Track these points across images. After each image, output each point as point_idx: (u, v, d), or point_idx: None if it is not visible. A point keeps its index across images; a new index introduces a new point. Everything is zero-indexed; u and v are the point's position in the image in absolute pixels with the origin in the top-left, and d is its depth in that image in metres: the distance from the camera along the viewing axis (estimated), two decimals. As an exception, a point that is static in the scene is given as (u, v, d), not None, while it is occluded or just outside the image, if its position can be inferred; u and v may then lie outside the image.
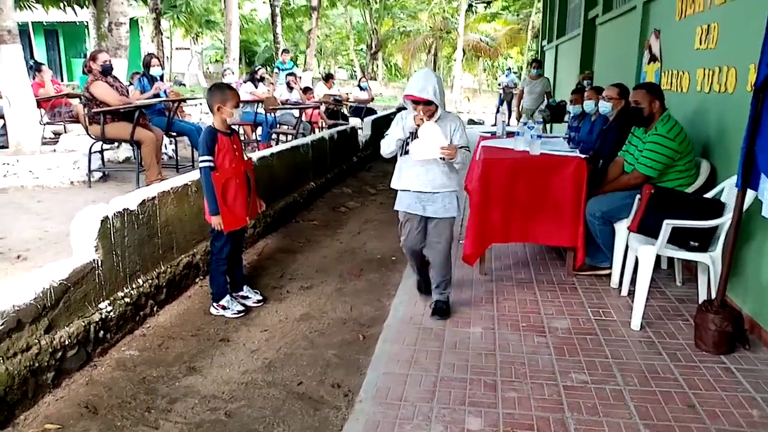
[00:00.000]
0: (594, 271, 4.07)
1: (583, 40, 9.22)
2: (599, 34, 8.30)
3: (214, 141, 3.42)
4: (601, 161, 4.47)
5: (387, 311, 3.58)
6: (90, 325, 2.92)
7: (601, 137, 4.70)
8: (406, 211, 3.38)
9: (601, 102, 4.66)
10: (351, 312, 3.66)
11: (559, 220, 3.89)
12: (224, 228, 3.43)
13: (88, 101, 6.10)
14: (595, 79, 7.77)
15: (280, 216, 5.56)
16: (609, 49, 7.54)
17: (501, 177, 3.90)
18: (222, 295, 3.57)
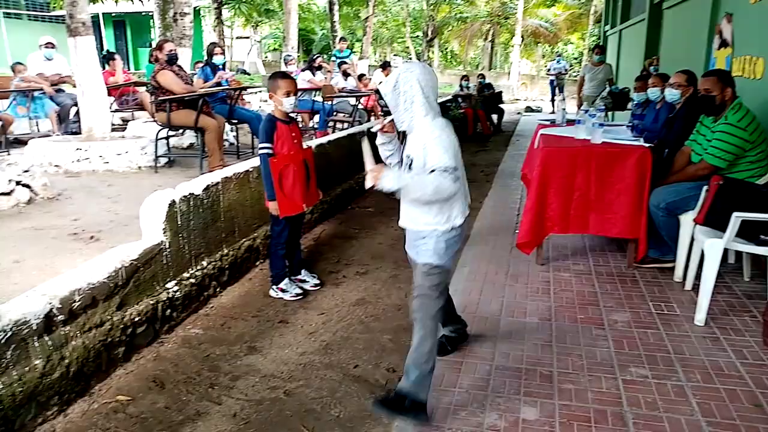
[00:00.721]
0: (656, 263, 3.95)
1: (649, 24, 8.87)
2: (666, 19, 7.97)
3: (273, 129, 3.49)
4: (666, 150, 4.32)
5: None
6: (158, 304, 3.06)
7: (666, 126, 4.54)
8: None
9: (667, 89, 4.49)
10: (406, 299, 3.69)
11: (621, 211, 3.79)
12: (280, 213, 3.51)
13: (155, 89, 6.33)
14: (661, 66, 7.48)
15: (336, 202, 5.63)
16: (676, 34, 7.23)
17: (561, 166, 3.83)
18: (281, 278, 3.66)
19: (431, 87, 2.32)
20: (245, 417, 2.45)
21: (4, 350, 2.20)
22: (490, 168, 8.10)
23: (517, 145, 9.95)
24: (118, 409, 2.49)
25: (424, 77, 2.30)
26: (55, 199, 5.28)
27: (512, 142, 10.45)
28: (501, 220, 5.33)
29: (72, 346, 2.50)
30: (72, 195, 5.46)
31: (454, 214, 2.37)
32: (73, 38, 6.50)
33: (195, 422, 2.41)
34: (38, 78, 8.64)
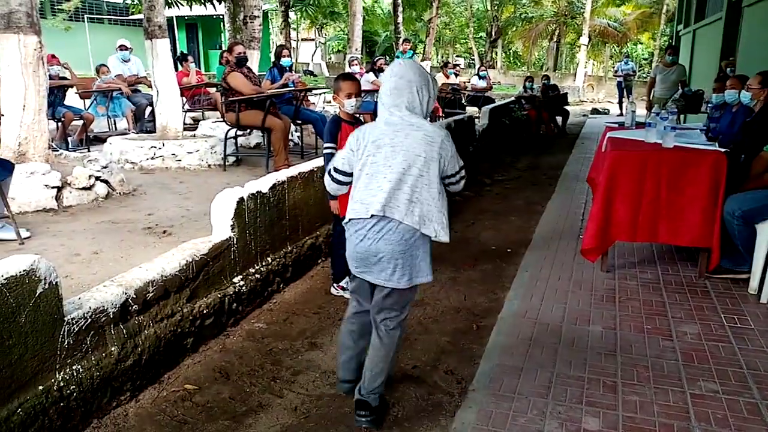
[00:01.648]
0: (730, 274, 3.77)
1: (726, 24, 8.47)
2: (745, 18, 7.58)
3: (338, 129, 3.52)
4: (742, 156, 4.11)
5: (501, 303, 3.55)
6: (225, 298, 3.16)
7: (743, 130, 4.32)
8: None
9: (742, 92, 4.28)
10: (465, 301, 3.67)
11: (693, 218, 3.63)
12: (340, 213, 3.54)
13: (225, 91, 6.54)
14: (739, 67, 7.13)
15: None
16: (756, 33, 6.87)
17: (630, 171, 3.71)
18: (342, 276, 3.70)
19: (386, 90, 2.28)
20: (305, 411, 2.50)
21: (84, 336, 2.33)
22: (553, 171, 7.93)
23: (582, 148, 9.71)
24: (185, 397, 2.59)
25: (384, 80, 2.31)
26: (130, 195, 5.55)
27: (577, 145, 10.20)
28: (565, 225, 5.21)
29: (145, 335, 2.62)
30: (146, 191, 5.72)
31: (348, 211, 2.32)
32: (150, 41, 6.81)
33: (257, 414, 2.48)
34: (116, 79, 9.09)
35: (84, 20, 21.55)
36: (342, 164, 2.35)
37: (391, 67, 2.32)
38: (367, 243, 2.25)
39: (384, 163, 2.21)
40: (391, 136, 2.23)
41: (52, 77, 7.72)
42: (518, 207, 6.07)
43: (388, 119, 2.27)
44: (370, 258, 2.26)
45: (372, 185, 2.23)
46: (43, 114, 5.28)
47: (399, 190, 2.20)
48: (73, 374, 2.28)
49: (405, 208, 2.20)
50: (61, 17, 18.52)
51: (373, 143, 2.24)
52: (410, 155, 2.20)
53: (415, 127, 2.24)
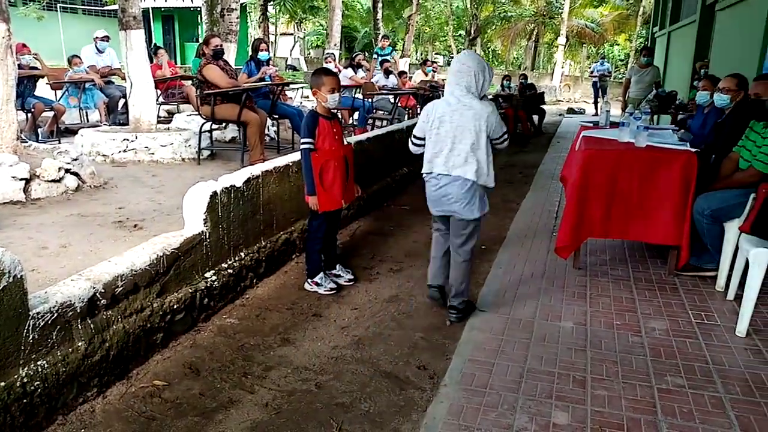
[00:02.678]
0: (698, 272, 3.85)
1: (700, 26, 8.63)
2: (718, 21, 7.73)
3: (315, 124, 3.52)
4: (713, 156, 4.20)
5: (475, 299, 3.57)
6: (196, 293, 3.12)
7: (714, 131, 4.41)
8: None
9: (716, 94, 4.36)
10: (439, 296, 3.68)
11: (663, 217, 3.69)
12: (319, 208, 3.54)
13: (200, 83, 6.47)
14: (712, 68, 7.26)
15: (372, 199, 5.66)
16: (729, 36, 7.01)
17: (603, 169, 3.76)
18: (316, 272, 3.69)
19: (452, 72, 3.12)
20: (276, 407, 2.49)
21: (50, 331, 2.29)
22: (528, 169, 8.00)
23: (558, 147, 9.81)
24: (154, 393, 2.56)
25: (451, 66, 3.18)
26: (101, 188, 5.46)
27: (553, 144, 10.31)
28: (539, 222, 5.27)
29: (113, 330, 2.58)
30: (118, 184, 5.63)
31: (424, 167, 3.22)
32: (124, 32, 6.69)
33: (228, 410, 2.46)
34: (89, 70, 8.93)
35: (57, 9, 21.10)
36: (419, 132, 3.23)
37: (457, 56, 3.16)
38: (440, 189, 3.13)
39: (445, 135, 3.08)
40: (450, 114, 3.06)
41: (22, 67, 7.55)
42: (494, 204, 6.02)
43: (448, 99, 3.10)
44: (443, 199, 3.15)
45: (437, 150, 3.11)
46: (11, 104, 5.16)
47: (457, 155, 3.05)
48: (38, 370, 2.23)
49: (461, 167, 3.05)
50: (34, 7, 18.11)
51: (438, 118, 3.10)
52: (464, 129, 3.03)
53: (468, 107, 3.03)
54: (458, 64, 3.08)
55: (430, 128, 3.14)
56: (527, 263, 4.16)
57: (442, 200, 3.15)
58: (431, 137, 3.13)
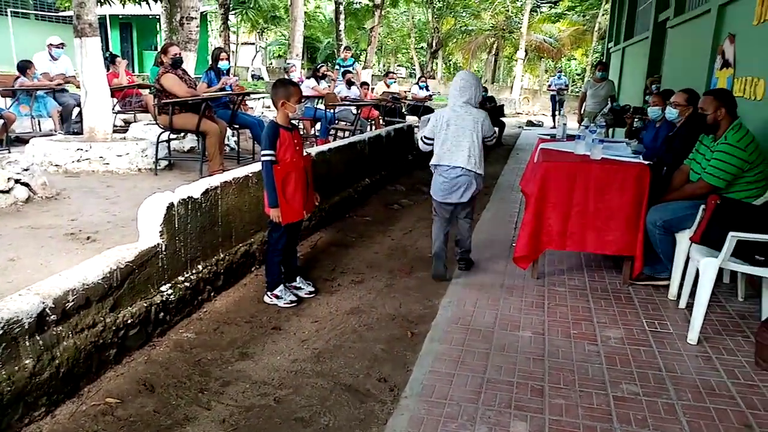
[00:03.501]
0: (651, 281, 3.96)
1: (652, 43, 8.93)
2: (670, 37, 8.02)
3: (276, 135, 3.50)
4: (665, 168, 4.34)
5: (436, 310, 3.59)
6: (151, 307, 3.05)
7: (666, 144, 4.56)
8: None
9: (668, 108, 4.51)
10: (400, 309, 3.69)
11: (618, 228, 3.79)
12: (282, 220, 3.51)
13: (158, 92, 6.36)
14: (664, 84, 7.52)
15: (334, 210, 5.64)
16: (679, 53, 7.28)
17: (560, 181, 3.85)
18: (276, 284, 3.66)
19: (455, 88, 4.03)
20: (234, 423, 2.44)
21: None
22: (488, 181, 8.06)
23: (517, 159, 9.99)
24: (106, 411, 2.48)
25: (454, 82, 4.07)
26: (53, 199, 5.29)
27: (512, 156, 10.48)
28: (498, 233, 5.34)
29: (63, 346, 2.50)
30: (71, 195, 5.47)
31: (431, 162, 4.10)
32: (79, 39, 6.53)
33: (183, 427, 2.40)
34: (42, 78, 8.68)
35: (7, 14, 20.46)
36: (429, 133, 4.09)
37: (459, 75, 4.10)
38: (453, 180, 3.98)
39: (452, 135, 3.95)
40: (455, 119, 3.96)
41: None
42: (455, 215, 6.16)
43: (455, 108, 3.99)
44: (453, 187, 3.99)
45: (446, 147, 3.98)
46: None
47: (461, 151, 3.93)
48: (-19, 389, 2.13)
49: (465, 160, 3.93)
50: (-19, 11, 17.51)
51: (446, 122, 3.98)
52: (466, 131, 3.93)
53: (468, 113, 3.97)
54: (462, 81, 4.00)
55: (439, 130, 4.00)
56: (487, 273, 4.21)
57: (452, 189, 3.99)
58: (440, 137, 3.99)
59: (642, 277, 3.94)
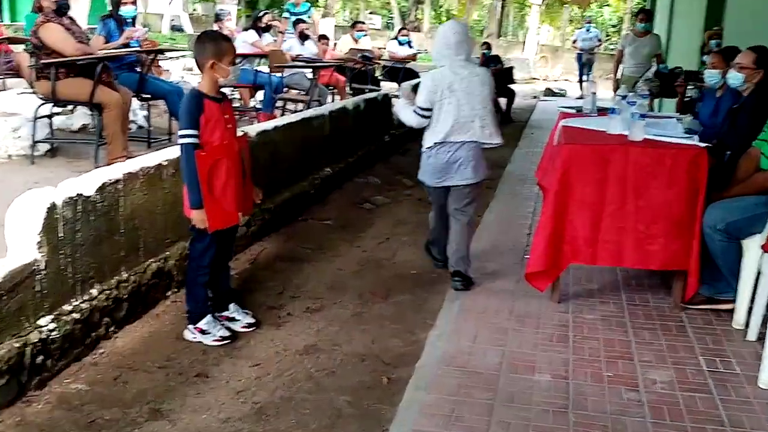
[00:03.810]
0: (711, 304, 4.02)
1: (711, -16, 9.08)
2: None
3: (200, 109, 3.47)
4: (728, 153, 4.40)
5: (421, 347, 3.60)
6: (25, 348, 3.00)
7: (729, 120, 4.62)
8: None
9: (731, 72, 4.58)
10: (372, 346, 3.69)
11: (665, 234, 3.84)
12: (209, 226, 3.49)
13: (36, 49, 6.26)
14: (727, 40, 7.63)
15: (283, 212, 5.62)
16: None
17: (588, 171, 3.89)
18: (201, 314, 3.64)
19: (443, 46, 4.28)
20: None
21: None
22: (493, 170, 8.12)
23: (532, 140, 10.09)
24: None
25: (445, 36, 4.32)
26: None
27: (525, 136, 10.59)
28: (505, 241, 5.38)
29: None
30: None
31: (427, 140, 4.31)
32: None
33: None
34: None
35: None
36: (426, 103, 4.23)
37: (449, 27, 4.51)
38: (451, 155, 4.22)
39: (460, 104, 4.16)
40: (459, 83, 4.17)
41: None
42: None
43: (455, 69, 4.21)
44: (453, 165, 4.23)
45: (454, 120, 4.16)
46: None
47: (471, 122, 4.20)
48: None
49: (480, 131, 4.23)
50: None
51: (448, 88, 4.16)
52: (475, 96, 4.20)
53: (474, 74, 4.25)
54: (456, 34, 4.26)
55: (440, 98, 4.17)
56: (491, 296, 4.23)
57: (451, 167, 4.23)
58: (443, 107, 4.18)
59: (698, 300, 4.00)
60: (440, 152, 4.24)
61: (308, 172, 6.33)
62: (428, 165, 4.33)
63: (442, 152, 4.24)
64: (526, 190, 6.94)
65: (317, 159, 6.57)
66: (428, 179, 4.37)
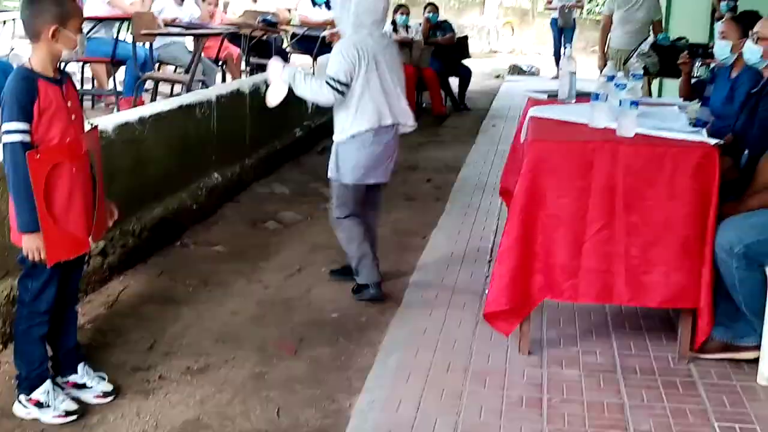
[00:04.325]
0: (729, 352, 4.07)
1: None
2: None
3: (33, 94, 3.40)
4: (745, 153, 4.47)
5: (345, 419, 3.60)
6: None
7: (746, 109, 4.69)
8: None
9: (747, 45, 4.66)
10: (278, 420, 3.68)
11: (667, 259, 3.89)
12: (48, 256, 3.43)
13: None
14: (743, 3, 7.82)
15: (153, 234, 5.55)
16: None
17: (563, 177, 3.92)
18: (37, 380, 3.57)
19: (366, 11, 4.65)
20: None
21: None
22: (443, 175, 8.25)
23: (494, 135, 10.21)
24: None
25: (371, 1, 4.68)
26: None
27: (484, 129, 10.71)
28: (460, 271, 5.40)
29: None
30: None
31: (352, 124, 4.70)
32: None
33: None
34: None
35: None
36: (345, 76, 4.59)
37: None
38: (388, 146, 4.80)
39: (386, 77, 4.67)
40: (382, 53, 4.71)
41: None
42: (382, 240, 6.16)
43: (373, 35, 4.72)
44: (385, 159, 4.84)
45: (384, 98, 4.67)
46: None
47: (398, 99, 4.77)
48: None
49: (403, 111, 4.83)
50: None
51: (374, 58, 4.62)
52: (396, 71, 4.78)
53: (391, 43, 4.97)
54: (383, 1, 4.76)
55: (366, 71, 4.61)
56: (440, 345, 4.24)
57: (383, 159, 4.83)
58: (370, 83, 4.63)
59: (712, 347, 4.05)
60: (375, 140, 4.71)
61: (189, 180, 6.27)
62: (357, 157, 4.73)
63: (377, 140, 4.71)
64: (486, 202, 7.00)
65: (201, 161, 6.52)
66: (353, 175, 4.76)
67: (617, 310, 4.69)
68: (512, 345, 4.18)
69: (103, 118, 5.27)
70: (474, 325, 4.45)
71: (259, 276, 5.38)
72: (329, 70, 4.66)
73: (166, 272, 5.31)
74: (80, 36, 3.56)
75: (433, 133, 10.69)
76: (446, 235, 6.22)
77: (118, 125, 5.20)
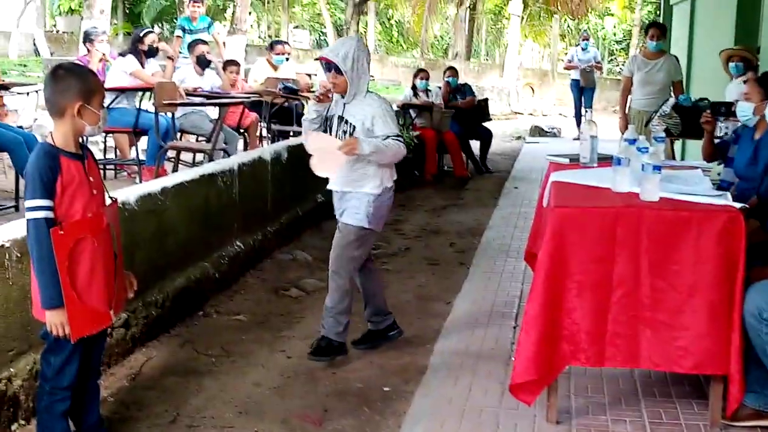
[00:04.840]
0: (762, 419, 4.02)
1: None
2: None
3: (56, 171, 3.43)
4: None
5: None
6: None
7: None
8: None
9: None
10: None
11: (695, 324, 3.86)
12: (72, 332, 3.43)
13: None
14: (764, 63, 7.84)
15: (175, 305, 5.55)
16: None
17: (588, 243, 3.91)
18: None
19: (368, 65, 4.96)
20: None
21: None
22: (466, 239, 8.23)
23: (516, 197, 10.21)
24: None
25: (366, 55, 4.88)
26: None
27: (507, 192, 10.71)
28: (485, 337, 5.37)
29: None
30: None
31: (384, 178, 4.93)
32: None
33: None
34: None
35: None
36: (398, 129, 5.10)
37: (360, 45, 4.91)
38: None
39: None
40: None
41: None
42: (405, 305, 6.18)
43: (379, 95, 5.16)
44: None
45: None
46: None
47: None
48: None
49: None
50: None
51: None
52: None
53: None
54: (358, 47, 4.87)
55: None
56: (465, 416, 4.21)
57: None
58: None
59: (744, 414, 4.00)
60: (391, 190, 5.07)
61: (211, 249, 6.29)
62: (386, 207, 5.11)
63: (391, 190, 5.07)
64: (510, 266, 6.97)
65: (223, 230, 6.54)
66: (381, 224, 5.12)
67: (646, 377, 4.64)
68: (540, 414, 4.14)
69: (125, 189, 5.31)
70: (500, 394, 4.41)
71: (282, 345, 5.37)
72: (388, 128, 4.86)
73: (188, 342, 5.31)
74: (102, 111, 3.61)
75: (455, 196, 10.72)
76: (470, 300, 6.19)
77: (141, 196, 5.23)
